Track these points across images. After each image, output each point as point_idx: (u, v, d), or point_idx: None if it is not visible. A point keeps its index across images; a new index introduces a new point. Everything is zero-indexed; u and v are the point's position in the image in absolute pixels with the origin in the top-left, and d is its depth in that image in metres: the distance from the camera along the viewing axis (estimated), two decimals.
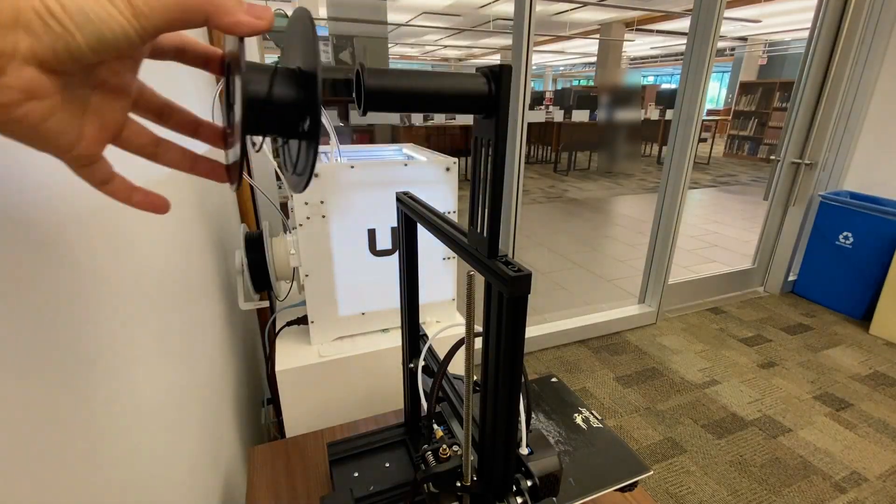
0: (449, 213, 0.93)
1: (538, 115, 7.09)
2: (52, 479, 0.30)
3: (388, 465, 0.63)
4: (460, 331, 0.97)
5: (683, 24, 8.13)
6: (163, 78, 0.66)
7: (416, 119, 5.74)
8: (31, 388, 0.31)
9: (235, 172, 0.24)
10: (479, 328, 0.39)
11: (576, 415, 0.71)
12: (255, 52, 1.14)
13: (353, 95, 0.31)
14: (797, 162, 2.54)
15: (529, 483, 0.44)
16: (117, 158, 0.25)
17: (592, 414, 0.71)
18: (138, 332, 0.47)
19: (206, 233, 0.84)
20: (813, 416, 1.74)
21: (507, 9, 7.18)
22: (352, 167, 0.83)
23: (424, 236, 0.52)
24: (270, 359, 0.95)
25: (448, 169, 0.91)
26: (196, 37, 0.90)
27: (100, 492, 0.35)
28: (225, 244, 1.00)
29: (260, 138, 0.27)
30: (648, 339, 2.26)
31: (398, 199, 0.54)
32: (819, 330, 2.35)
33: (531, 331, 2.15)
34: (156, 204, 0.26)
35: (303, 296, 0.90)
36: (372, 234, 0.88)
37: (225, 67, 0.25)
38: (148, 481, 0.45)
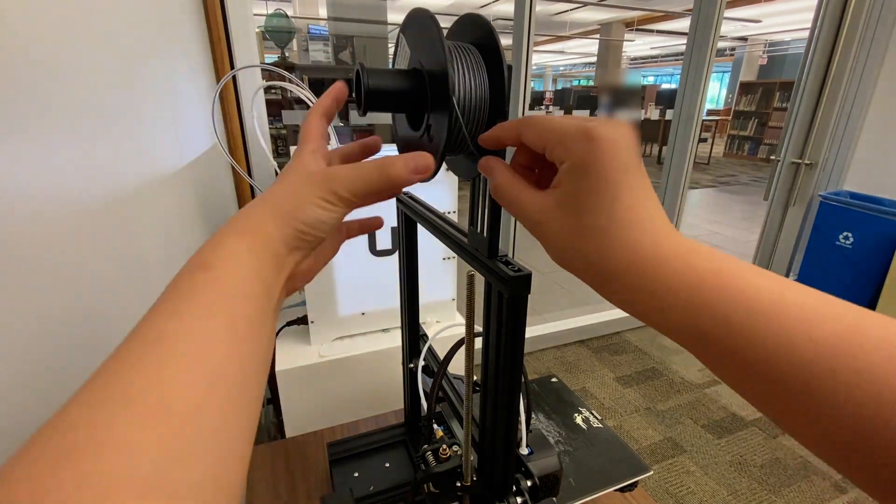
0: (449, 213, 0.93)
1: None
2: None
3: (388, 465, 0.63)
4: (460, 331, 0.98)
5: (683, 24, 8.12)
6: (164, 77, 0.66)
7: None
8: (34, 387, 0.31)
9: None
10: (479, 328, 0.39)
11: (576, 415, 0.71)
12: (255, 52, 1.14)
13: (353, 95, 0.31)
14: (797, 162, 2.54)
15: (529, 483, 0.44)
16: None
17: (592, 414, 0.71)
18: None
19: (207, 233, 0.84)
20: None
21: (507, 9, 7.17)
22: None
23: (424, 236, 0.52)
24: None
25: (448, 169, 0.91)
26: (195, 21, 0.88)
27: None
28: None
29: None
30: (648, 339, 2.26)
31: (398, 199, 0.54)
32: None
33: (531, 331, 2.15)
34: (373, 225, 0.37)
35: (303, 296, 0.90)
36: (372, 233, 0.88)
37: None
38: None
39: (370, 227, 0.37)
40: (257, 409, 0.21)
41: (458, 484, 0.44)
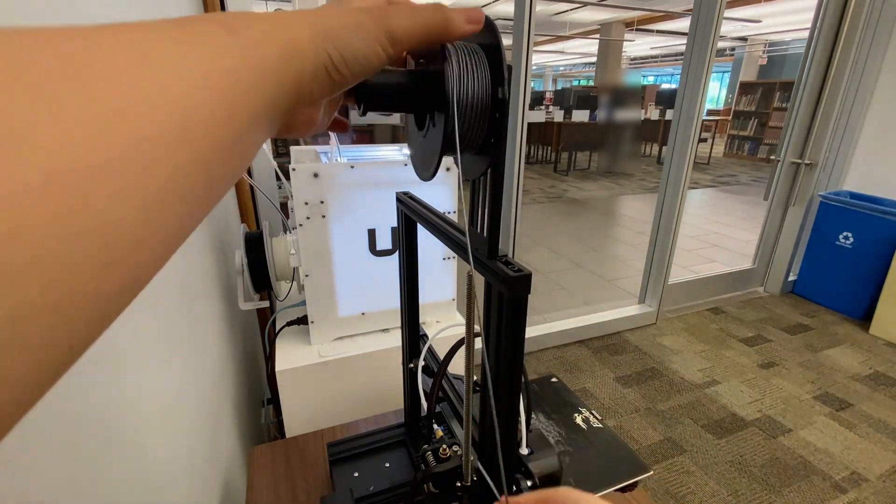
0: (449, 213, 0.93)
1: (538, 115, 7.09)
2: (53, 477, 0.30)
3: (388, 465, 0.63)
4: (460, 331, 0.97)
5: (683, 24, 8.12)
6: None
7: None
8: None
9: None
10: (479, 328, 0.39)
11: (576, 415, 0.71)
12: None
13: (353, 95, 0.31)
14: (797, 162, 2.54)
15: (529, 483, 0.44)
16: None
17: (592, 414, 0.71)
18: (138, 333, 0.46)
19: (207, 233, 0.84)
20: (813, 416, 1.74)
21: (507, 9, 7.17)
22: (352, 167, 0.83)
23: (424, 236, 0.52)
24: (270, 359, 0.95)
25: (448, 169, 0.91)
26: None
27: (100, 491, 0.35)
28: (225, 244, 1.00)
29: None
30: (648, 339, 2.26)
31: (398, 199, 0.54)
32: (819, 330, 2.35)
33: (531, 331, 2.15)
34: (340, 125, 0.34)
35: (303, 296, 0.90)
36: (372, 234, 0.88)
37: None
38: (148, 481, 0.45)
39: (338, 125, 0.33)
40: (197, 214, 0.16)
41: (458, 484, 0.44)
